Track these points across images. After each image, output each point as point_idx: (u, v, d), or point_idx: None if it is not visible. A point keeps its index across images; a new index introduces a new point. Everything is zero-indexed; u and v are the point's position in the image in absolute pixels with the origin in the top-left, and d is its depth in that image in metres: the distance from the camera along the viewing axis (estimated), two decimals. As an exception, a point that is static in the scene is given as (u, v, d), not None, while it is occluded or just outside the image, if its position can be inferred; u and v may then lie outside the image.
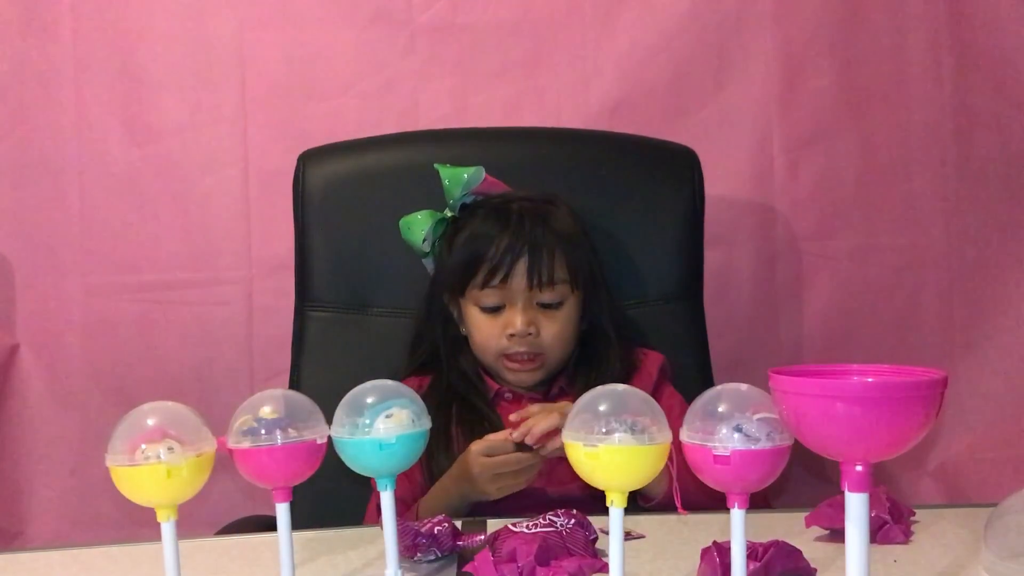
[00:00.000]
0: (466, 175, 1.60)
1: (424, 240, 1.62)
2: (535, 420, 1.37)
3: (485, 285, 1.54)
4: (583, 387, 1.13)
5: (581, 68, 2.09)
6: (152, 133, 2.07)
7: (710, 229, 1.85)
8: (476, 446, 1.40)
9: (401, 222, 1.64)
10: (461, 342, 1.62)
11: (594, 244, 1.65)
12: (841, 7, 2.10)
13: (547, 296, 1.55)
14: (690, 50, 2.09)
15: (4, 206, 2.07)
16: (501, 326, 1.54)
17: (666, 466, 0.96)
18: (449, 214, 1.63)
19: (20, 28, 2.05)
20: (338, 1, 2.08)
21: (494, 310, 1.55)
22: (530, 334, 1.53)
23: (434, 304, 1.64)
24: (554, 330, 1.55)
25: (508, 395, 1.59)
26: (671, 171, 1.83)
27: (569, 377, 1.60)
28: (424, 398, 1.48)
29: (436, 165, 1.64)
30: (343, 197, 1.79)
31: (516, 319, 1.53)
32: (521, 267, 1.53)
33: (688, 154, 1.83)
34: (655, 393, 1.59)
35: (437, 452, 1.49)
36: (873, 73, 2.12)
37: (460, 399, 1.57)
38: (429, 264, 1.67)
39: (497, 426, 1.54)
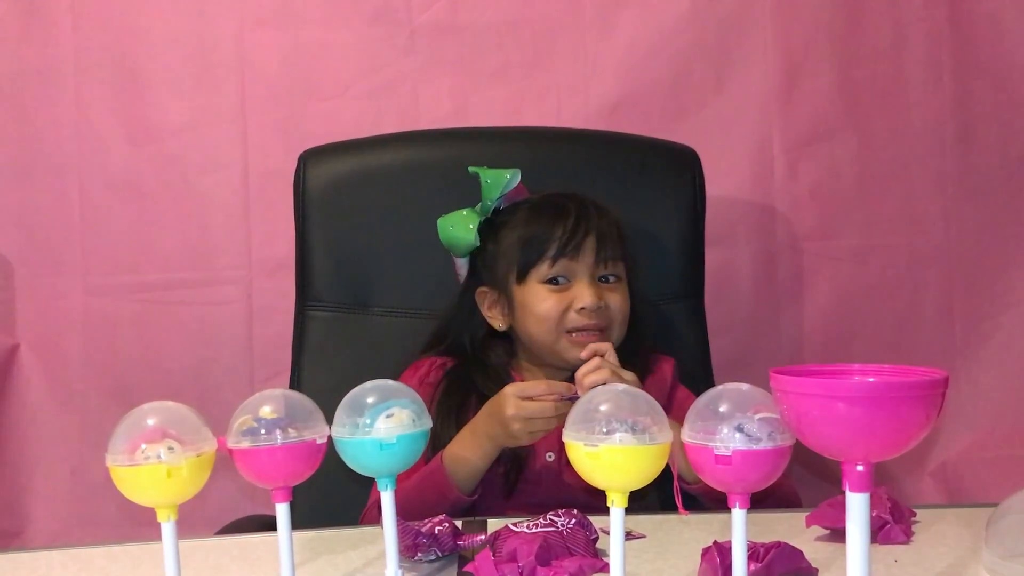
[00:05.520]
0: (507, 176, 1.61)
1: (475, 236, 1.61)
2: (603, 376, 1.41)
3: (556, 258, 1.55)
4: None
5: (581, 68, 2.09)
6: (152, 133, 2.07)
7: (710, 229, 1.85)
8: (511, 388, 1.42)
9: (440, 222, 1.63)
10: (490, 338, 1.62)
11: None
12: (841, 7, 2.10)
13: (611, 269, 1.58)
14: (690, 50, 2.09)
15: (4, 206, 2.07)
16: (566, 301, 1.55)
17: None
18: (482, 217, 1.63)
19: (20, 28, 2.05)
20: (338, 1, 2.08)
21: (560, 285, 1.56)
22: (599, 307, 1.54)
23: (468, 299, 1.64)
24: (619, 303, 1.57)
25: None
26: (671, 171, 1.83)
27: None
28: (445, 385, 1.53)
29: (472, 168, 1.64)
30: (343, 197, 1.79)
31: (585, 292, 1.54)
32: (590, 243, 1.56)
33: (688, 154, 1.83)
34: (671, 395, 1.61)
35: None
36: (873, 73, 2.12)
37: (480, 396, 1.55)
38: (462, 264, 1.66)
39: None
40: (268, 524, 1.29)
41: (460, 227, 1.62)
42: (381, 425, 1.02)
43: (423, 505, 1.33)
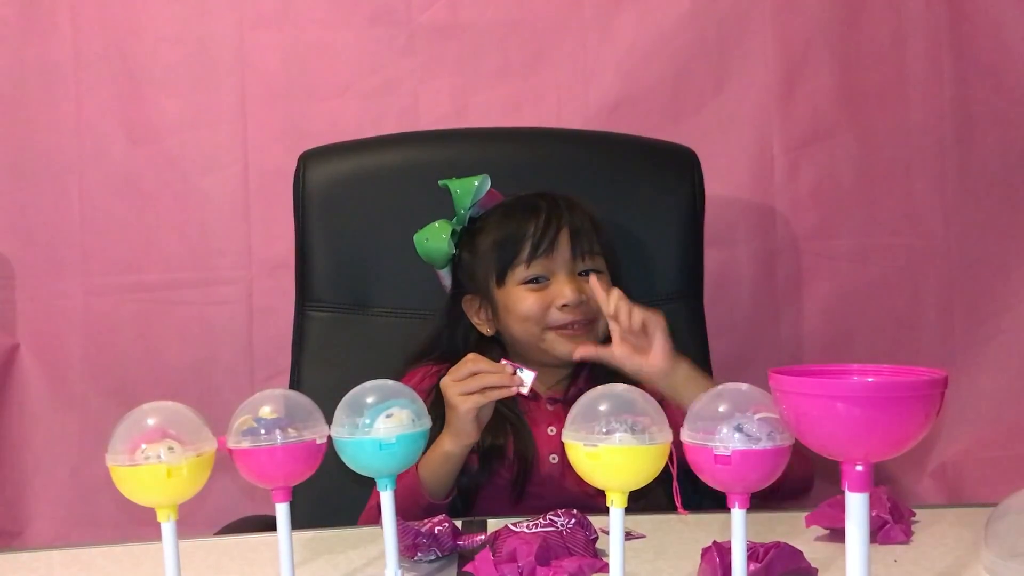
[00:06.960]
0: (476, 183, 1.61)
1: (449, 245, 1.61)
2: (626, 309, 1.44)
3: (531, 259, 1.55)
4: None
5: (581, 68, 2.09)
6: (152, 133, 2.07)
7: (710, 229, 1.85)
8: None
9: (416, 237, 1.63)
10: (482, 343, 1.61)
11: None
12: (841, 7, 2.10)
13: (589, 263, 1.57)
14: (690, 50, 2.09)
15: (4, 206, 2.07)
16: (547, 299, 1.55)
17: None
18: (458, 227, 1.63)
19: (20, 28, 2.05)
20: (338, 1, 2.08)
21: (539, 284, 1.56)
22: (581, 302, 1.54)
23: (456, 309, 1.64)
24: None
25: (527, 393, 1.59)
26: (671, 171, 1.83)
27: (589, 378, 1.59)
28: (436, 393, 1.49)
29: (441, 181, 1.64)
30: (343, 197, 1.79)
31: (566, 289, 1.54)
32: (564, 238, 1.56)
33: (688, 154, 1.83)
34: None
35: None
36: (873, 73, 2.12)
37: None
38: (445, 275, 1.66)
39: (517, 425, 1.54)
40: (268, 524, 1.29)
41: (434, 238, 1.62)
42: (381, 425, 1.02)
43: (403, 513, 1.33)
